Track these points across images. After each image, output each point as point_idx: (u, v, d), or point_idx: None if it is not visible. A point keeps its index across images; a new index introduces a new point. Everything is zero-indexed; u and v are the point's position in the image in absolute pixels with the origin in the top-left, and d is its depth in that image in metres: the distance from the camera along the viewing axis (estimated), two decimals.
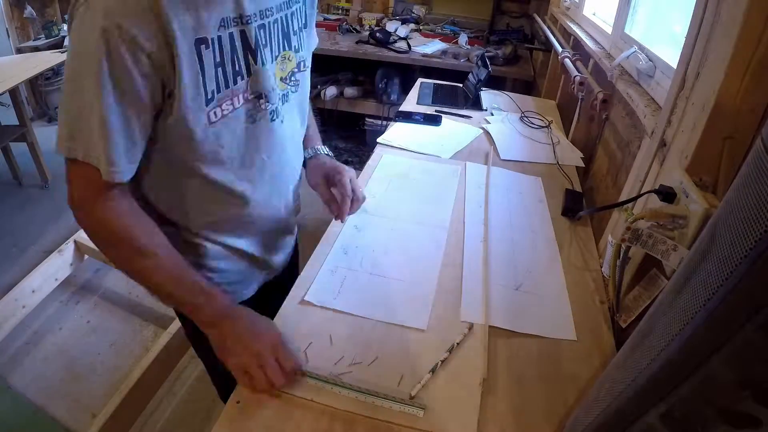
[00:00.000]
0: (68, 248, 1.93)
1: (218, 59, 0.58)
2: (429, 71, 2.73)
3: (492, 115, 1.63)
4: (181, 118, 0.58)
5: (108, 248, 0.64)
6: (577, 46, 1.75)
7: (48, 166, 2.71)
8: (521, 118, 1.59)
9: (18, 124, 2.57)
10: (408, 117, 1.52)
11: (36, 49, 3.17)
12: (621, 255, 0.75)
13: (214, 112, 0.61)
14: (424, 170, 1.22)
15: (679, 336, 0.35)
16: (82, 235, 1.97)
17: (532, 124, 1.56)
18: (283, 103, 0.72)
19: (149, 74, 0.53)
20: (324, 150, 0.92)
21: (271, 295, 0.84)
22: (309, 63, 0.78)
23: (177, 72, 0.54)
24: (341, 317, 0.76)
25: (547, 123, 1.55)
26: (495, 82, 2.38)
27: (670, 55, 0.94)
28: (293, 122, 0.78)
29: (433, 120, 1.52)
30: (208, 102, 0.59)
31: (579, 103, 1.51)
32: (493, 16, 3.24)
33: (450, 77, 2.13)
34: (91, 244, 1.94)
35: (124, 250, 0.62)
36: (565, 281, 0.88)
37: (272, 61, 0.67)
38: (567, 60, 1.62)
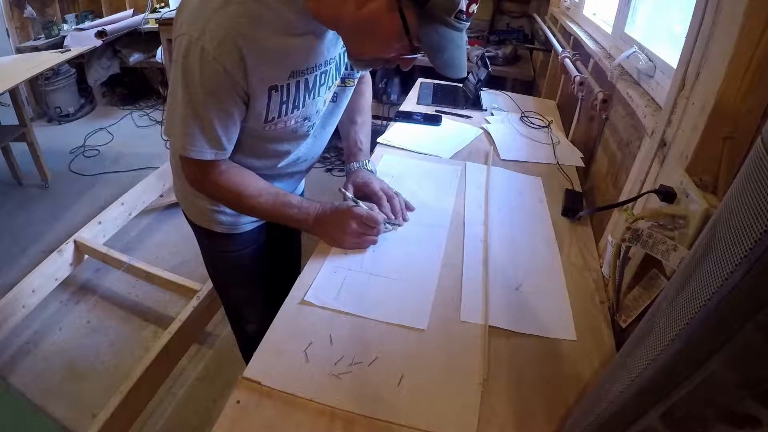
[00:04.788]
0: (68, 248, 1.93)
1: (284, 99, 0.78)
2: (429, 71, 2.73)
3: (492, 115, 1.63)
4: (245, 124, 0.80)
5: (224, 201, 0.91)
6: (577, 46, 1.75)
7: (48, 166, 2.71)
8: (521, 118, 1.59)
9: (18, 124, 2.57)
10: (408, 117, 1.52)
11: (36, 49, 3.17)
12: (621, 255, 0.75)
13: (270, 127, 0.81)
14: (424, 170, 1.22)
15: (679, 336, 0.35)
16: (82, 235, 1.97)
17: (532, 124, 1.56)
18: (327, 114, 0.93)
19: (241, 94, 0.73)
20: (367, 166, 1.06)
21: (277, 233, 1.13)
22: (354, 80, 0.94)
23: (250, 101, 0.75)
24: (341, 317, 0.76)
25: (547, 123, 1.55)
26: (495, 82, 2.38)
27: (670, 55, 0.94)
28: (327, 126, 0.97)
29: (433, 120, 1.52)
30: (266, 122, 0.79)
31: (579, 103, 1.51)
32: (493, 16, 3.24)
33: (450, 77, 2.12)
34: (91, 244, 1.93)
35: (237, 199, 0.86)
36: (565, 281, 0.88)
37: (326, 91, 0.86)
38: (567, 60, 1.62)
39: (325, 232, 0.90)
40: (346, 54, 0.87)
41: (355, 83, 0.96)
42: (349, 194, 0.93)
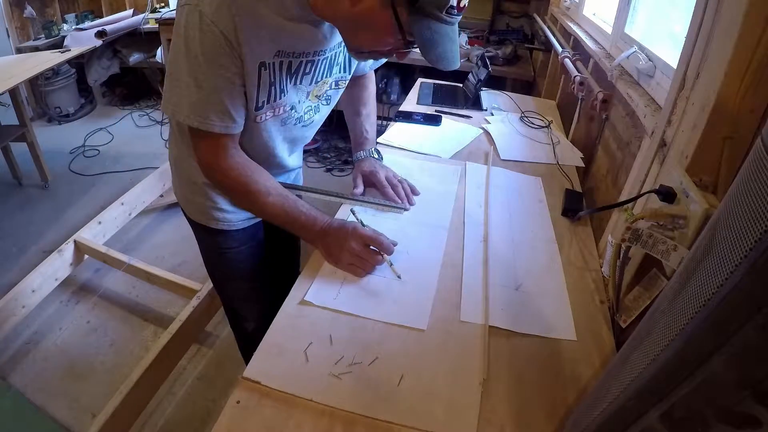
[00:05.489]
0: (68, 248, 1.93)
1: (272, 79, 0.79)
2: (429, 71, 2.73)
3: (492, 115, 1.63)
4: None
5: (233, 192, 0.88)
6: (577, 46, 1.75)
7: (48, 166, 2.71)
8: (521, 118, 1.59)
9: (18, 124, 2.56)
10: (408, 117, 1.52)
11: (36, 49, 3.17)
12: (621, 255, 0.75)
13: (260, 116, 0.82)
14: (424, 170, 1.22)
15: (679, 336, 0.35)
16: (82, 235, 1.97)
17: (532, 124, 1.56)
18: (315, 113, 0.95)
19: (239, 63, 0.74)
20: (373, 154, 1.12)
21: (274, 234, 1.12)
22: (346, 82, 0.98)
23: (244, 74, 0.75)
24: (341, 317, 0.76)
25: (547, 123, 1.55)
26: (495, 82, 2.38)
27: (670, 55, 0.94)
28: (315, 123, 0.98)
29: (433, 120, 1.52)
30: (257, 108, 0.80)
31: (579, 103, 1.51)
32: (493, 16, 3.24)
33: (450, 77, 2.12)
34: (91, 244, 1.92)
35: (246, 192, 0.84)
36: (565, 281, 0.88)
37: (310, 84, 0.87)
38: (567, 60, 1.62)
39: (326, 245, 0.86)
40: (341, 54, 0.89)
41: (346, 85, 0.99)
42: (358, 216, 0.94)
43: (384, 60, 1.05)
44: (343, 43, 0.85)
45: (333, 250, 0.85)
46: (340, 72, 0.94)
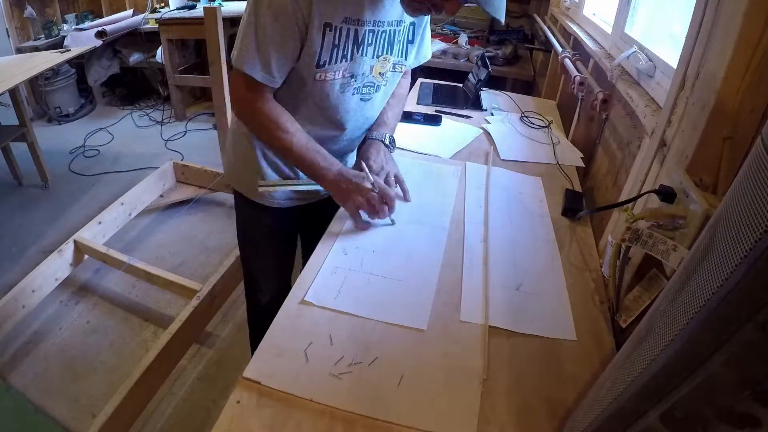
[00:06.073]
0: (68, 248, 1.93)
1: (336, 42, 0.86)
2: (429, 71, 2.73)
3: (492, 115, 1.63)
4: (299, 68, 0.89)
5: (261, 130, 0.95)
6: (577, 46, 1.75)
7: (48, 166, 2.71)
8: (521, 118, 1.59)
9: (18, 124, 2.56)
10: (408, 117, 1.52)
11: (36, 49, 3.17)
12: (621, 255, 0.75)
13: (319, 75, 0.89)
14: (424, 170, 1.22)
15: (679, 336, 0.35)
16: (82, 235, 1.97)
17: (532, 124, 1.56)
18: (375, 91, 1.01)
19: (301, 27, 0.83)
20: (384, 138, 1.11)
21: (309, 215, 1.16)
22: (404, 67, 1.04)
23: (307, 34, 0.83)
24: (341, 317, 0.76)
25: (547, 123, 1.55)
26: (495, 82, 2.38)
27: (670, 55, 0.94)
28: (375, 102, 1.04)
29: (433, 120, 1.52)
30: (318, 66, 0.88)
31: (579, 103, 1.51)
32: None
33: (450, 77, 2.13)
34: (91, 244, 1.92)
35: (273, 129, 0.91)
36: (565, 281, 0.88)
37: (373, 57, 0.94)
38: (567, 60, 1.62)
39: (337, 190, 0.95)
40: (400, 33, 0.96)
41: (403, 71, 1.05)
42: (372, 176, 0.95)
43: (428, 46, 1.11)
44: (401, 22, 0.94)
45: (342, 195, 0.95)
46: (399, 56, 1.00)
